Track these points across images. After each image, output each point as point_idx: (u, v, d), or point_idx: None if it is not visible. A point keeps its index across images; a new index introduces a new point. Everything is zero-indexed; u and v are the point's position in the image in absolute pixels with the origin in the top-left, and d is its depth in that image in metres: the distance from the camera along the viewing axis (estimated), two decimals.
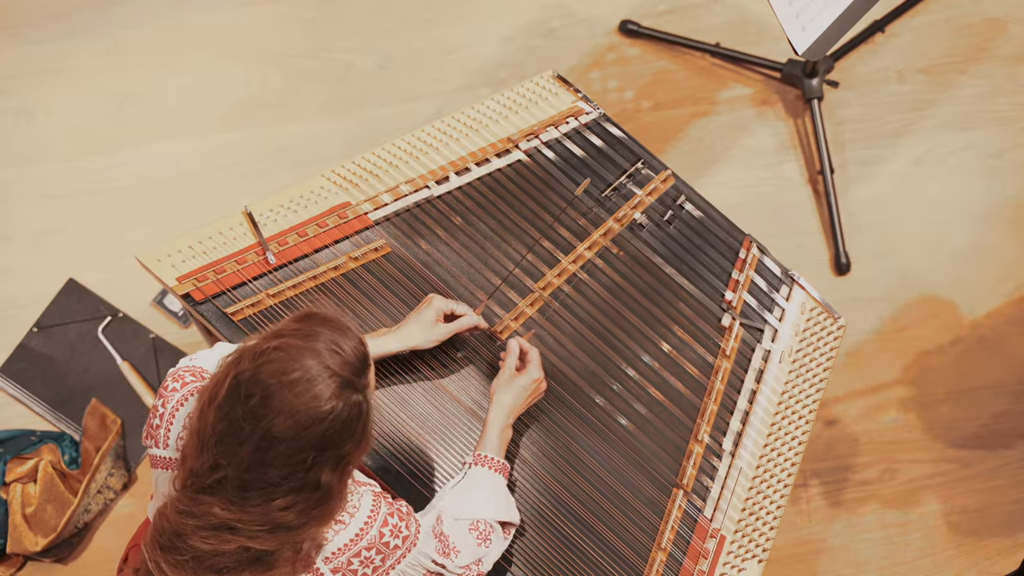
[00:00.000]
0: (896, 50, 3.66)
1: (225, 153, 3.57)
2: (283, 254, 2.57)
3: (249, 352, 1.86)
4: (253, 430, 1.82)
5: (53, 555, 3.13)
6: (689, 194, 2.77)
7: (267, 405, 1.81)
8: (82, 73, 3.65)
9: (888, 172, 3.53)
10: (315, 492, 1.88)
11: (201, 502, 1.86)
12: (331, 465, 1.88)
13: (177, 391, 2.12)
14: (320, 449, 1.84)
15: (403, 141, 2.73)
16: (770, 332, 2.68)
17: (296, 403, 1.81)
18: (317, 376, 1.83)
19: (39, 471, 3.13)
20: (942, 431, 3.30)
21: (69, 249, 3.45)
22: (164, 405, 2.11)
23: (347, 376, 1.86)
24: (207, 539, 1.86)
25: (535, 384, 2.41)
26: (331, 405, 1.83)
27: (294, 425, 1.82)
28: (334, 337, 1.88)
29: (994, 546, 3.20)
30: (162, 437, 2.10)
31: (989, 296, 3.41)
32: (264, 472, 1.84)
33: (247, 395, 1.82)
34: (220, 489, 1.86)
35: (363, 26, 3.70)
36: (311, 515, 1.90)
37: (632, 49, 3.66)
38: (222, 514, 1.85)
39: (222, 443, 1.84)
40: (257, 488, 1.85)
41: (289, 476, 1.85)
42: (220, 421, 1.84)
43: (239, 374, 1.84)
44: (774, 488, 2.56)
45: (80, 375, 3.31)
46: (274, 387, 1.82)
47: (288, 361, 1.83)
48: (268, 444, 1.82)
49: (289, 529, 1.89)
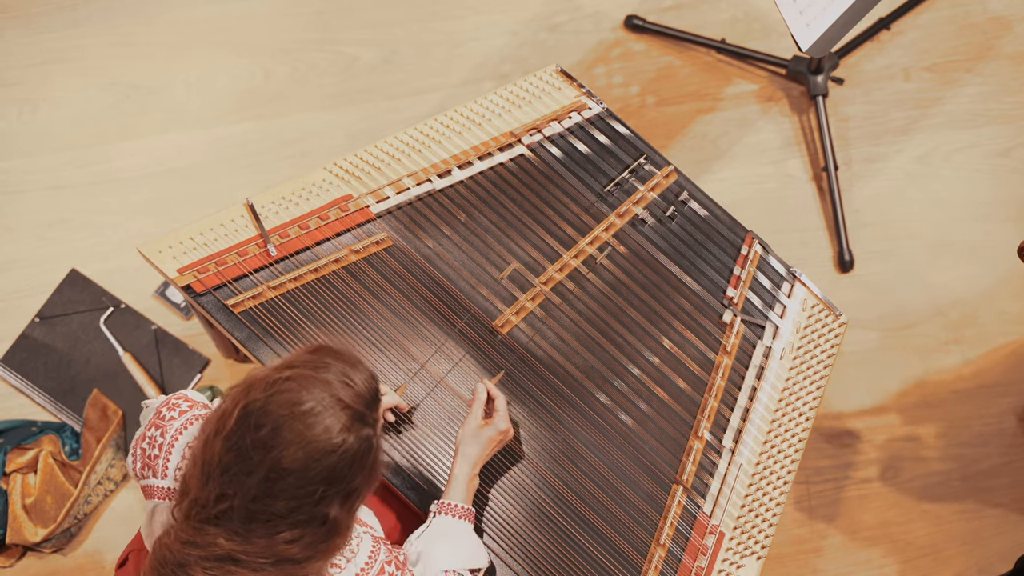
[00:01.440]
0: (902, 48, 3.65)
1: (230, 145, 3.56)
2: (284, 246, 2.57)
3: (259, 382, 1.85)
4: (262, 460, 1.81)
5: (53, 546, 3.13)
6: (691, 190, 2.76)
7: (278, 436, 1.80)
8: (88, 64, 3.65)
9: (893, 169, 3.52)
10: (322, 526, 1.87)
11: (206, 532, 1.85)
12: (340, 500, 1.87)
13: (176, 419, 2.10)
14: (329, 483, 1.83)
15: (406, 134, 2.73)
16: (771, 329, 2.68)
17: (307, 434, 1.80)
18: (328, 408, 1.82)
19: (39, 462, 3.13)
20: (944, 430, 3.29)
21: (72, 240, 3.45)
22: (163, 435, 2.09)
23: (359, 409, 1.86)
24: (210, 570, 1.85)
25: (501, 435, 2.38)
26: (342, 438, 1.83)
27: (304, 457, 1.80)
28: (345, 369, 1.87)
29: (995, 545, 3.19)
30: (161, 467, 2.09)
31: (992, 294, 3.40)
32: (271, 504, 1.83)
33: (257, 425, 1.81)
34: (225, 520, 1.84)
35: (370, 19, 3.70)
36: (317, 549, 1.88)
37: (637, 44, 3.66)
38: (226, 545, 1.84)
39: (228, 473, 1.83)
40: (263, 520, 1.84)
41: (296, 509, 1.83)
42: (228, 452, 1.83)
43: (249, 404, 1.83)
44: (774, 485, 2.56)
45: (82, 366, 3.31)
46: (285, 418, 1.81)
47: (299, 392, 1.82)
48: (277, 475, 1.81)
49: (294, 563, 1.87)
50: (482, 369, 2.52)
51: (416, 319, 2.55)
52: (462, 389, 2.51)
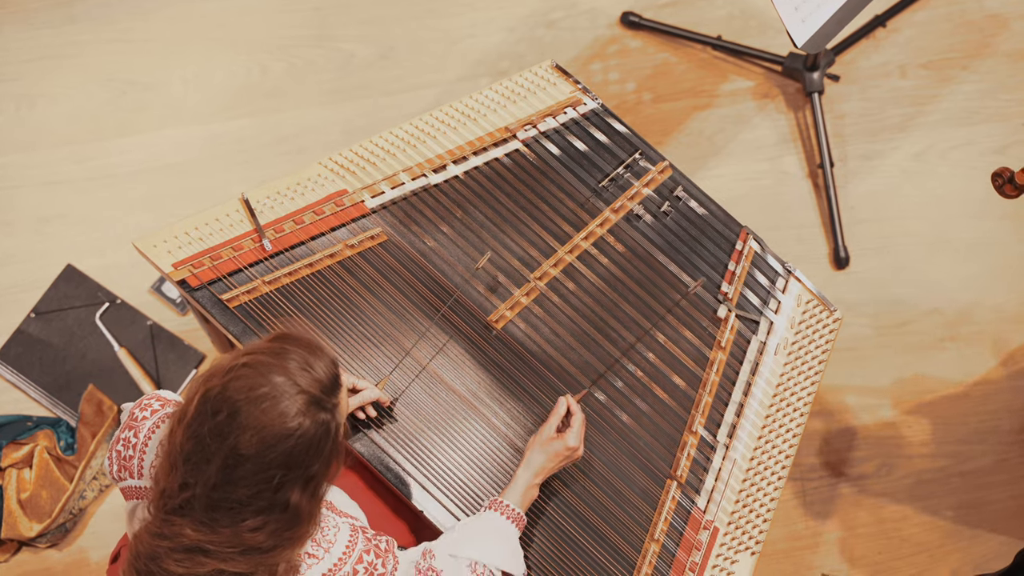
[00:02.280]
0: (898, 45, 3.65)
1: (226, 141, 3.56)
2: (279, 241, 2.57)
3: (220, 370, 1.86)
4: (219, 447, 1.81)
5: (47, 540, 3.13)
6: (686, 185, 2.76)
7: (233, 421, 1.81)
8: (85, 59, 3.65)
9: (889, 167, 3.52)
10: (284, 513, 1.87)
11: (172, 523, 1.86)
12: (300, 485, 1.87)
13: (148, 419, 2.11)
14: (287, 468, 1.84)
15: (401, 130, 2.73)
16: (766, 324, 2.68)
17: (262, 419, 1.81)
18: (284, 393, 1.83)
19: (35, 457, 3.13)
20: (939, 426, 3.29)
21: (69, 235, 3.45)
22: (136, 435, 2.10)
23: (315, 394, 1.86)
24: (181, 562, 1.85)
25: (570, 452, 2.38)
26: (297, 422, 1.83)
27: (259, 442, 1.81)
28: (304, 355, 1.88)
29: (990, 542, 3.19)
30: (136, 467, 2.09)
31: (988, 292, 3.40)
32: (232, 491, 1.83)
33: (215, 411, 1.82)
34: (189, 509, 1.85)
35: (367, 15, 3.70)
36: (283, 537, 1.89)
37: (634, 41, 3.66)
38: (193, 535, 1.85)
39: (190, 461, 1.83)
40: (226, 508, 1.84)
41: (257, 495, 1.84)
42: (189, 440, 1.83)
43: (208, 391, 1.84)
44: (768, 481, 2.56)
45: (77, 361, 3.31)
46: (241, 403, 1.81)
47: (256, 377, 1.83)
48: (235, 462, 1.81)
49: (261, 551, 1.88)
50: (477, 364, 2.52)
51: (411, 314, 2.55)
52: (456, 384, 2.51)
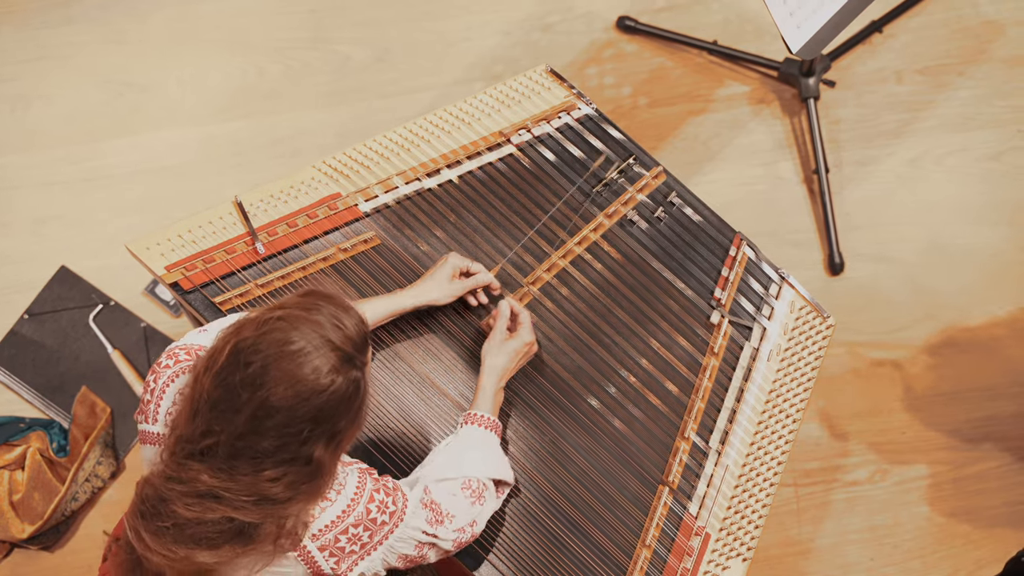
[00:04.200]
0: (894, 51, 3.65)
1: (222, 143, 3.56)
2: (272, 244, 2.57)
3: (251, 322, 1.87)
4: (251, 398, 1.82)
5: (40, 542, 3.12)
6: (680, 191, 2.76)
7: (267, 373, 1.82)
8: (82, 61, 3.65)
9: (884, 172, 3.52)
10: (306, 466, 1.88)
11: (189, 468, 1.86)
12: (325, 440, 1.88)
13: (170, 367, 2.11)
14: (316, 423, 1.85)
15: (395, 133, 2.73)
16: (759, 330, 2.68)
17: (297, 373, 1.82)
18: (318, 348, 1.84)
19: (27, 458, 3.13)
20: (933, 433, 3.29)
21: (63, 236, 3.45)
22: (156, 380, 2.11)
23: (348, 351, 1.87)
24: (191, 506, 1.86)
25: (527, 347, 2.43)
26: (331, 379, 1.84)
27: (293, 396, 1.82)
28: (336, 312, 1.89)
29: (983, 549, 3.19)
30: (151, 412, 2.10)
31: (983, 299, 3.41)
32: (257, 441, 1.84)
33: (247, 363, 1.83)
34: (210, 456, 1.86)
35: (363, 18, 3.70)
36: (299, 489, 1.90)
37: (630, 45, 3.66)
38: (209, 481, 1.85)
39: (216, 409, 1.84)
40: (248, 457, 1.85)
41: (282, 447, 1.85)
42: (217, 388, 1.84)
43: (240, 342, 1.85)
44: (760, 487, 2.56)
45: (71, 363, 3.31)
46: (275, 356, 1.82)
47: (290, 331, 1.84)
48: (265, 413, 1.82)
49: (275, 502, 1.88)
50: (469, 369, 2.52)
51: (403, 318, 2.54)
52: (449, 388, 2.51)
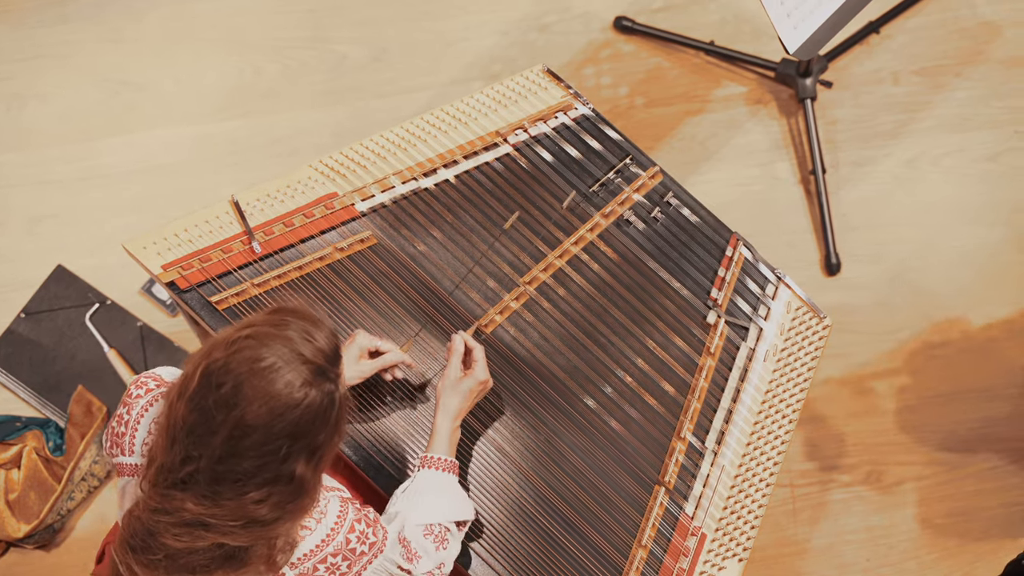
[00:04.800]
0: (891, 51, 3.65)
1: (218, 142, 3.56)
2: (269, 243, 2.57)
3: (220, 343, 1.85)
4: (226, 419, 1.80)
5: (35, 541, 3.12)
6: (676, 191, 2.76)
7: (239, 392, 1.80)
8: (77, 59, 3.65)
9: (881, 173, 3.52)
10: (289, 484, 1.87)
11: (173, 498, 1.85)
12: (305, 456, 1.87)
13: (142, 397, 2.10)
14: (294, 438, 1.84)
15: (392, 133, 2.73)
16: (755, 330, 2.67)
17: (269, 390, 1.81)
18: (289, 363, 1.83)
19: (23, 457, 3.13)
20: (930, 434, 3.29)
21: (59, 235, 3.45)
22: (129, 412, 2.09)
23: (320, 364, 1.86)
24: (180, 536, 1.85)
25: (482, 386, 2.39)
26: (304, 392, 1.83)
27: (268, 412, 1.81)
28: (306, 326, 1.88)
29: (979, 550, 3.19)
30: (127, 444, 2.09)
31: (980, 300, 3.41)
32: (237, 463, 1.82)
33: (219, 384, 1.81)
34: (192, 483, 1.84)
35: (361, 17, 3.70)
36: (285, 509, 1.88)
37: (627, 45, 3.66)
38: (195, 509, 1.84)
39: (193, 434, 1.83)
40: (231, 480, 1.83)
41: (263, 467, 1.83)
42: (192, 412, 1.83)
43: (210, 364, 1.83)
44: (756, 487, 2.56)
45: (67, 362, 3.31)
46: (246, 374, 1.81)
47: (260, 348, 1.83)
48: (241, 433, 1.81)
49: (263, 524, 1.87)
50: None
51: (400, 317, 2.55)
52: None
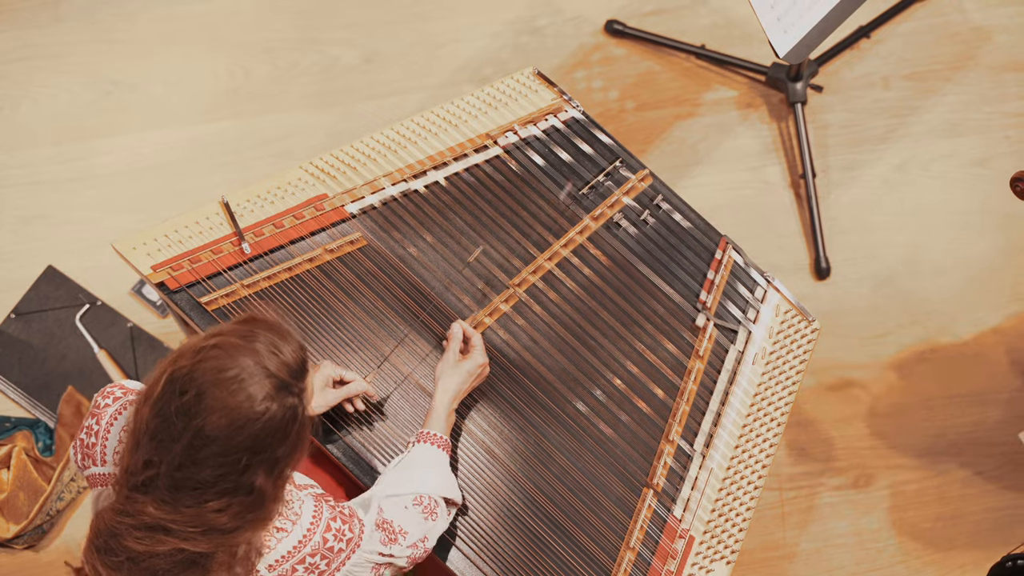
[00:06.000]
0: (881, 56, 3.66)
1: (209, 143, 3.56)
2: (259, 244, 2.57)
3: (188, 350, 1.86)
4: (185, 427, 1.81)
5: (24, 542, 3.12)
6: (666, 194, 2.77)
7: (201, 402, 1.81)
8: (69, 60, 3.65)
9: (871, 178, 3.53)
10: (249, 495, 1.87)
11: (135, 500, 1.86)
12: (265, 469, 1.87)
13: (110, 406, 2.11)
14: (253, 451, 1.84)
15: (382, 135, 2.73)
16: (744, 334, 2.68)
17: (230, 401, 1.81)
18: (253, 376, 1.83)
19: (12, 457, 3.12)
20: (918, 438, 3.30)
21: (50, 236, 3.45)
22: (98, 422, 2.10)
23: (284, 378, 1.86)
24: (141, 539, 1.85)
25: (479, 369, 2.44)
26: (265, 406, 1.83)
27: (227, 424, 1.81)
28: (273, 339, 1.88)
29: (967, 555, 3.19)
30: (99, 454, 2.09)
31: (969, 304, 3.41)
32: (196, 472, 1.83)
33: (182, 391, 1.82)
34: (153, 487, 1.85)
35: (353, 19, 3.70)
36: (245, 519, 1.89)
37: (618, 49, 3.66)
38: (155, 513, 1.84)
39: (155, 439, 1.83)
40: (190, 488, 1.84)
41: (222, 477, 1.84)
42: (154, 418, 1.83)
43: (176, 370, 1.84)
44: (744, 490, 2.56)
45: (57, 362, 3.30)
46: (209, 384, 1.81)
47: (225, 359, 1.83)
48: (200, 443, 1.81)
49: (223, 532, 1.88)
50: None
51: (389, 319, 2.55)
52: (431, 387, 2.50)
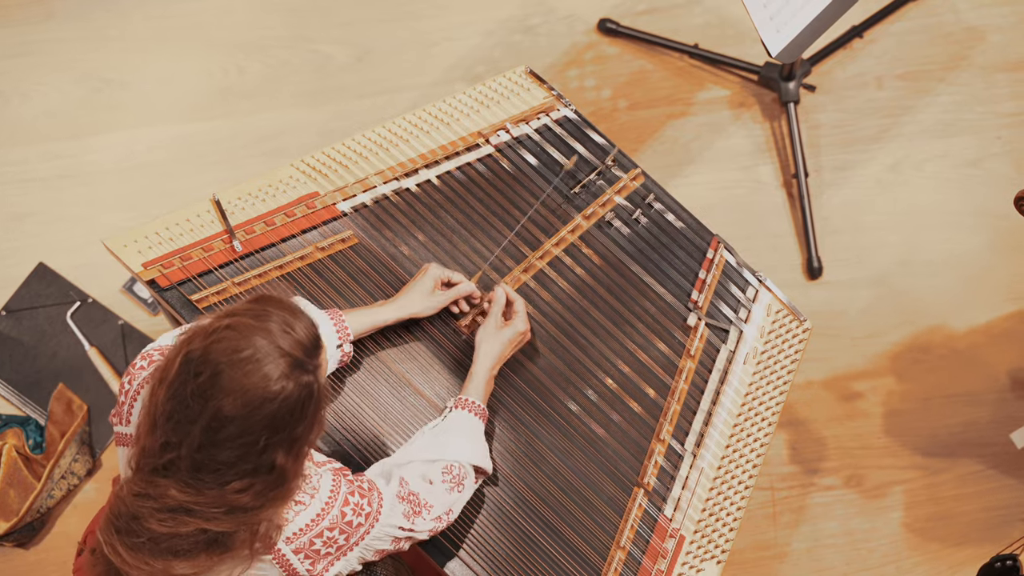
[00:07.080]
0: (874, 56, 3.66)
1: (201, 141, 3.56)
2: (250, 242, 2.57)
3: (201, 331, 1.86)
4: (202, 409, 1.81)
5: (14, 540, 3.11)
6: (658, 193, 2.76)
7: (216, 384, 1.81)
8: (61, 57, 3.64)
9: (863, 177, 3.53)
10: (270, 475, 1.88)
11: (157, 484, 1.86)
12: (285, 447, 1.87)
13: (144, 369, 2.12)
14: (272, 431, 1.84)
15: (374, 133, 2.73)
16: (736, 333, 2.68)
17: (245, 382, 1.81)
18: (267, 355, 1.83)
19: (3, 455, 3.11)
20: (910, 438, 3.29)
21: (41, 233, 3.44)
22: (131, 383, 2.11)
23: (298, 356, 1.86)
24: (164, 521, 1.86)
25: (521, 336, 2.46)
26: (280, 385, 1.83)
27: (243, 405, 1.81)
28: (286, 318, 1.88)
29: (958, 555, 3.19)
30: (125, 414, 2.10)
31: (962, 304, 3.41)
32: (216, 453, 1.83)
33: (196, 373, 1.82)
34: (174, 470, 1.85)
35: (345, 17, 3.69)
36: (267, 497, 1.90)
37: (611, 48, 3.66)
38: (179, 496, 1.85)
39: (172, 421, 1.84)
40: (211, 470, 1.84)
41: (242, 458, 1.84)
42: (170, 399, 1.84)
43: (189, 352, 1.84)
44: (735, 490, 2.56)
45: (48, 360, 3.30)
46: (223, 365, 1.81)
47: (238, 339, 1.83)
48: (219, 424, 1.82)
49: (246, 511, 1.88)
50: (445, 368, 2.52)
51: None
52: (425, 388, 2.51)
